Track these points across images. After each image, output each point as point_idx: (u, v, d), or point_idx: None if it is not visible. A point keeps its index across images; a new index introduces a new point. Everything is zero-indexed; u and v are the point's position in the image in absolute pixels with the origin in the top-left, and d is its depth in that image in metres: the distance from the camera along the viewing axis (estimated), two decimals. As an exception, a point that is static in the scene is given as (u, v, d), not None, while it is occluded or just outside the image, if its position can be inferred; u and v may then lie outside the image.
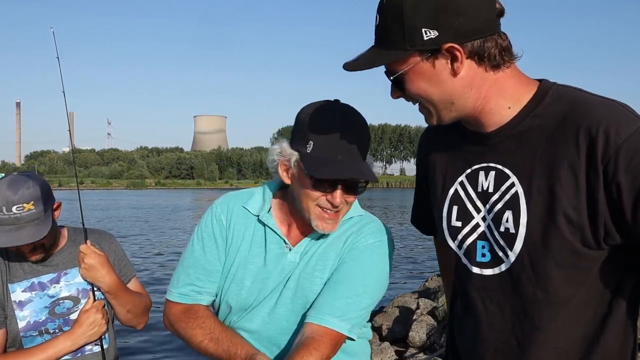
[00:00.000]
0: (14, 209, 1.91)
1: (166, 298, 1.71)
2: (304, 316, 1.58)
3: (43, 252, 2.08)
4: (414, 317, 7.07)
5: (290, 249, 1.63)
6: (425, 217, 1.60)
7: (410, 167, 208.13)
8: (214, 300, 1.72)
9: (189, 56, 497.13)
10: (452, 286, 1.52)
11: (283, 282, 1.61)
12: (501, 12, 1.23)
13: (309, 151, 1.50)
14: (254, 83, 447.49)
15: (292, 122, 1.62)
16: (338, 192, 1.51)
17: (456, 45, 1.18)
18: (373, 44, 1.29)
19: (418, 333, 6.54)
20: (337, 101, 1.57)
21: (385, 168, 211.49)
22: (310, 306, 1.58)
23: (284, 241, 1.64)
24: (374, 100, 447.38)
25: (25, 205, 1.94)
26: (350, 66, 1.27)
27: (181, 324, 1.64)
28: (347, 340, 1.57)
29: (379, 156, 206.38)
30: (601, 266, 1.22)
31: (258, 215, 1.66)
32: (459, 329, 1.48)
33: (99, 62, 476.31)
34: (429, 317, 6.94)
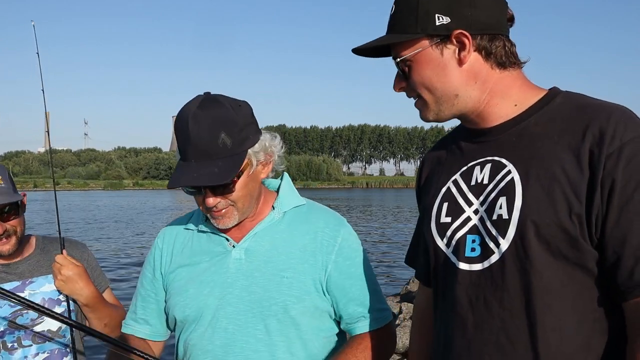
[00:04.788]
0: None
1: None
2: (260, 314, 1.52)
3: (14, 240, 2.01)
4: (397, 322, 6.97)
5: (234, 246, 1.58)
6: (424, 257, 1.49)
7: (389, 167, 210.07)
8: (170, 328, 1.72)
9: (166, 56, 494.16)
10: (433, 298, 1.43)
11: (228, 279, 1.55)
12: (511, 18, 1.29)
13: (177, 158, 1.47)
14: (232, 82, 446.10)
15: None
16: (207, 196, 1.46)
17: (466, 33, 1.22)
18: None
19: (401, 339, 6.41)
20: (205, 94, 1.49)
21: (365, 168, 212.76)
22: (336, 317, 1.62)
23: (226, 239, 1.59)
24: (354, 101, 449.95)
25: None
26: (360, 47, 1.32)
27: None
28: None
29: (359, 156, 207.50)
30: (600, 271, 1.16)
31: (197, 228, 1.65)
32: (444, 340, 1.36)
33: (75, 62, 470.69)
34: (412, 321, 6.81)
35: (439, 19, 1.22)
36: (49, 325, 2.05)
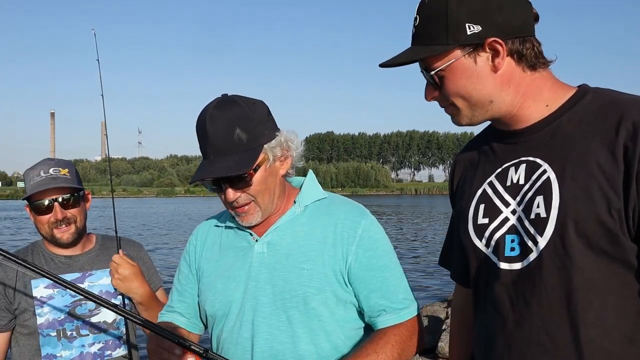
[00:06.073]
0: (50, 170, 2.08)
1: None
2: (282, 306, 1.55)
3: (74, 229, 2.13)
4: (443, 327, 6.95)
5: (257, 240, 1.62)
6: (459, 258, 1.50)
7: (438, 174, 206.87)
8: (203, 322, 1.76)
9: (215, 62, 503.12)
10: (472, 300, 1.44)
11: (252, 273, 1.59)
12: (536, 17, 1.29)
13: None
14: (282, 88, 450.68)
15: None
16: (226, 190, 1.52)
17: (499, 40, 1.23)
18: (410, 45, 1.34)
19: (447, 344, 6.41)
20: (223, 95, 1.56)
21: (414, 175, 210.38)
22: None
23: (250, 234, 1.64)
24: (402, 107, 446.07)
25: (61, 169, 2.11)
26: (389, 62, 1.33)
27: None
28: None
29: (407, 163, 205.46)
30: None
31: (226, 224, 1.72)
32: (484, 341, 1.38)
33: (129, 70, 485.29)
34: (459, 327, 6.75)
35: (469, 29, 1.23)
36: (105, 316, 2.16)
